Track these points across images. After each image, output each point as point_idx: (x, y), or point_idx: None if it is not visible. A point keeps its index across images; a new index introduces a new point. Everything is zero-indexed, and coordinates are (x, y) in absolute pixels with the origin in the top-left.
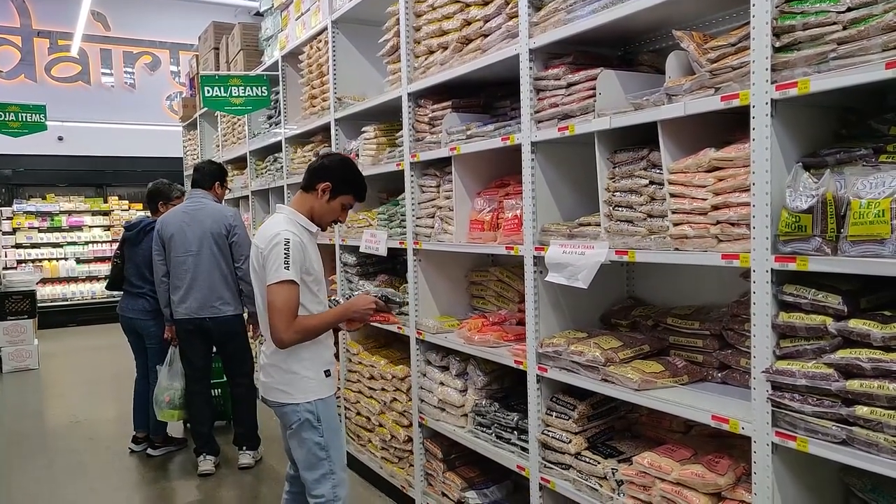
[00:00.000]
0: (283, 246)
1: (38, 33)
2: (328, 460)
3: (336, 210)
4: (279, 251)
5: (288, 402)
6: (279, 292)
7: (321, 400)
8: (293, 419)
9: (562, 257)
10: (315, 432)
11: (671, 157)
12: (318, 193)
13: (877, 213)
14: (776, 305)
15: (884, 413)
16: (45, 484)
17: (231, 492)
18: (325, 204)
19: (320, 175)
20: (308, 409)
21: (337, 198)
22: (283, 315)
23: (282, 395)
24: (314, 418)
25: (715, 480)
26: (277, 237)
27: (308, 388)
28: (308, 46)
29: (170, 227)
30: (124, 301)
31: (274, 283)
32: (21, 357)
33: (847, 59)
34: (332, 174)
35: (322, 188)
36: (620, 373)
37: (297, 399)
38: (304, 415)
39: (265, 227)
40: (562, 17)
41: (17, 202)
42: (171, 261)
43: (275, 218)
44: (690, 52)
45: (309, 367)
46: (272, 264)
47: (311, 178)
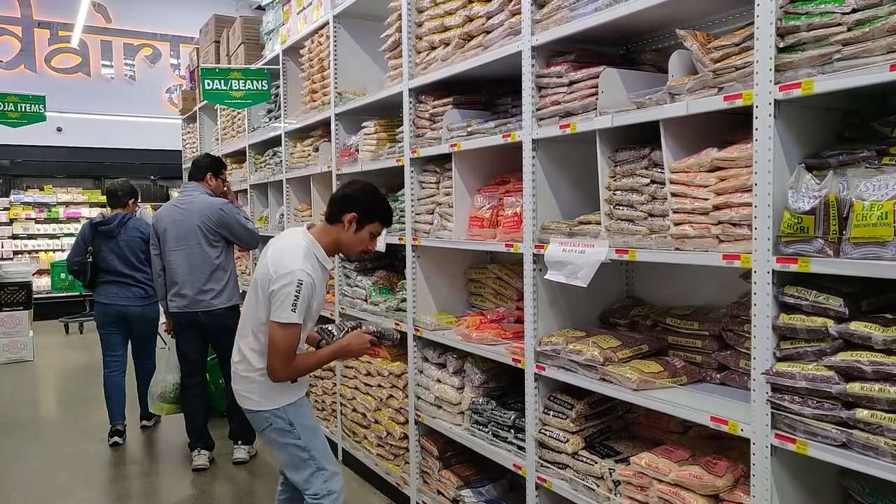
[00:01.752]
0: (296, 287)
1: (38, 24)
2: (312, 459)
3: (364, 240)
4: (290, 291)
5: (255, 409)
6: (282, 333)
7: (289, 405)
8: (262, 424)
9: (562, 255)
10: (290, 436)
11: (673, 157)
12: (345, 225)
13: (879, 215)
14: (777, 307)
15: (884, 416)
16: (39, 474)
17: (225, 486)
18: (352, 235)
19: (344, 206)
20: (276, 415)
21: (364, 227)
22: (283, 356)
23: (249, 402)
24: (285, 423)
25: (713, 482)
26: (292, 276)
27: (273, 395)
28: (309, 41)
29: (163, 222)
30: (112, 291)
31: (278, 322)
32: (16, 348)
33: (851, 60)
34: (356, 204)
35: (348, 219)
36: (619, 372)
37: (265, 406)
38: (273, 420)
39: (283, 250)
40: (564, 14)
41: (14, 193)
42: (166, 255)
43: (295, 245)
44: (694, 51)
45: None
46: (281, 302)
47: (335, 210)
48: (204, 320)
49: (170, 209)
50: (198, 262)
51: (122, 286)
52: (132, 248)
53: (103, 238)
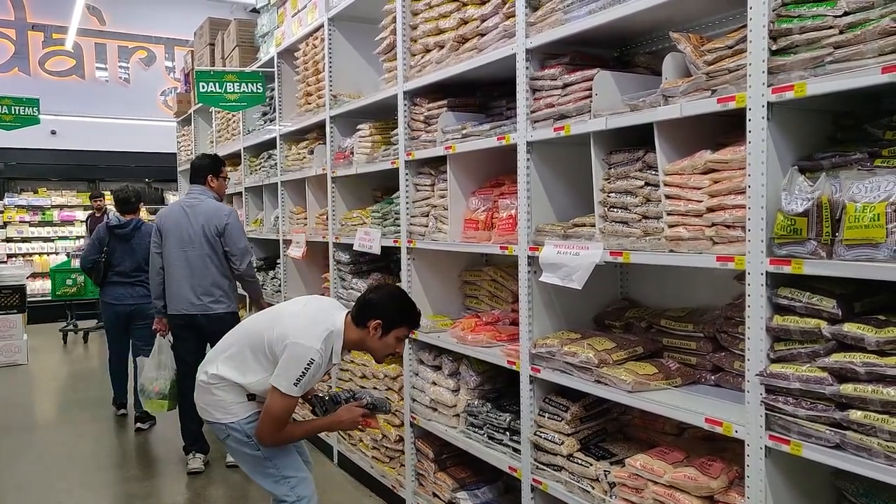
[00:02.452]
0: (307, 364)
1: (32, 27)
2: (274, 468)
3: (391, 345)
4: (300, 366)
5: (212, 421)
6: (281, 402)
7: (244, 419)
8: (221, 434)
9: (556, 258)
10: (249, 446)
11: (667, 159)
12: (370, 331)
13: (872, 217)
14: (770, 308)
15: (877, 417)
16: (35, 478)
17: (220, 489)
18: (378, 341)
19: (369, 312)
20: (233, 428)
21: (390, 333)
22: (275, 424)
23: (207, 414)
24: (242, 435)
25: (708, 483)
26: (308, 352)
27: (230, 410)
28: (304, 43)
29: (168, 223)
30: (118, 291)
31: (279, 392)
32: (10, 352)
33: (843, 63)
34: (381, 311)
35: (373, 326)
36: (614, 374)
37: (221, 420)
38: (230, 431)
39: (311, 317)
40: (559, 17)
41: (8, 196)
42: (167, 256)
43: (326, 320)
44: (687, 53)
45: (231, 392)
46: (287, 371)
47: (361, 315)
48: (203, 322)
49: (176, 210)
50: (200, 265)
51: (128, 286)
52: (143, 251)
53: (118, 240)
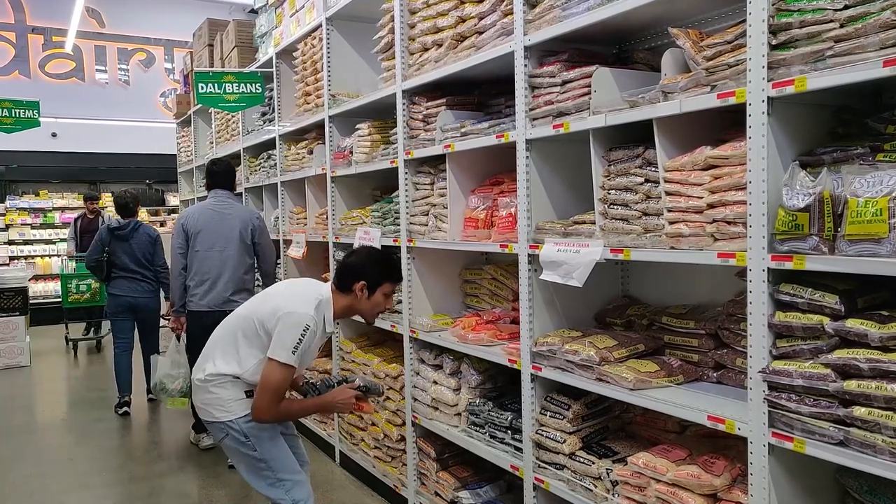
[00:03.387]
0: (303, 330)
1: (32, 29)
2: (269, 470)
3: (380, 302)
4: (296, 333)
5: (211, 420)
6: (277, 372)
7: (241, 418)
8: (218, 435)
9: (557, 255)
10: (246, 447)
11: (667, 155)
12: (357, 294)
13: (874, 211)
14: (772, 305)
15: (881, 414)
16: (36, 481)
17: (221, 490)
18: (367, 301)
19: (351, 276)
20: (231, 427)
21: (376, 291)
22: (272, 395)
23: (206, 413)
24: (240, 435)
25: (710, 481)
26: (302, 318)
27: (228, 408)
28: (302, 43)
29: (197, 224)
30: (123, 285)
31: (276, 361)
32: (12, 354)
33: (844, 56)
34: (363, 272)
35: (359, 288)
36: (615, 372)
37: (220, 418)
38: (228, 431)
39: (299, 293)
40: (557, 14)
41: (9, 198)
42: (195, 255)
43: (314, 293)
44: (686, 49)
45: (229, 389)
46: (283, 340)
47: (343, 280)
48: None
49: (207, 214)
50: (232, 265)
51: (132, 281)
52: (141, 250)
53: (118, 241)
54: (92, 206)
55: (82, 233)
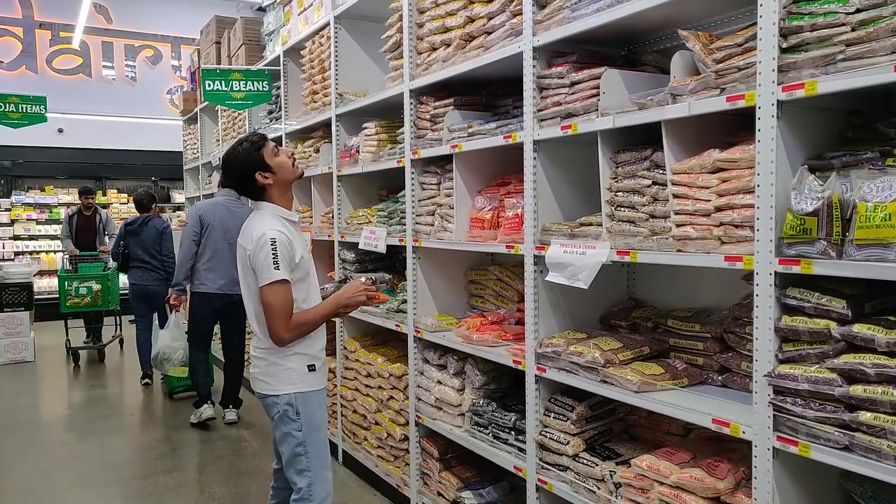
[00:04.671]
0: (271, 246)
1: (39, 25)
2: (305, 456)
3: (282, 162)
4: (267, 251)
5: (268, 393)
6: (273, 293)
7: (301, 394)
8: (273, 411)
9: (563, 257)
10: (293, 425)
11: (675, 158)
12: (264, 182)
13: (883, 216)
14: (779, 309)
15: (887, 419)
16: (38, 478)
17: (223, 489)
18: (276, 176)
19: (245, 182)
20: (287, 402)
21: (267, 165)
22: (279, 315)
23: (263, 385)
24: (293, 411)
25: (714, 484)
26: (263, 238)
27: (289, 379)
28: (310, 42)
29: (214, 218)
30: (139, 274)
31: (266, 284)
32: (17, 349)
33: (855, 60)
34: (244, 168)
35: (260, 179)
36: (620, 374)
37: (277, 390)
38: (282, 407)
39: (249, 226)
40: (566, 15)
41: (15, 193)
42: (209, 244)
43: (258, 216)
44: (696, 52)
45: (292, 360)
46: (262, 266)
47: (244, 187)
48: (236, 301)
49: (220, 208)
50: None
51: (145, 270)
52: (151, 241)
53: (131, 235)
54: (87, 201)
55: (78, 231)
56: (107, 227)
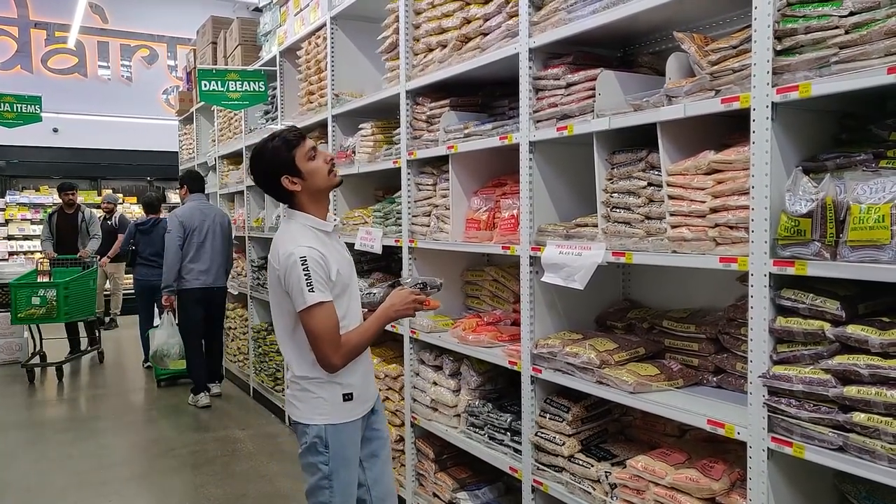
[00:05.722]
0: (301, 266)
1: (35, 24)
2: (329, 490)
3: (317, 168)
4: (298, 273)
5: (298, 421)
6: (313, 319)
7: (332, 426)
8: (302, 439)
9: (558, 258)
10: (320, 457)
11: (670, 159)
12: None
13: (877, 218)
14: (774, 310)
15: (881, 420)
16: (35, 476)
17: (219, 489)
18: (306, 182)
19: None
20: (316, 434)
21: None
22: (325, 341)
23: (293, 409)
24: (321, 444)
25: (709, 485)
26: (291, 258)
27: (318, 408)
28: (306, 42)
29: (194, 221)
30: (145, 271)
31: (303, 309)
32: (10, 350)
33: (849, 63)
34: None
35: (286, 183)
36: (615, 375)
37: (307, 418)
38: (311, 438)
39: (277, 241)
40: (562, 16)
41: (9, 193)
42: (193, 245)
43: (286, 229)
44: (691, 53)
45: (325, 388)
46: (295, 290)
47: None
48: (216, 292)
49: (196, 213)
50: (219, 251)
51: (149, 267)
52: (160, 241)
53: (142, 234)
54: (69, 197)
55: (59, 231)
56: (91, 228)
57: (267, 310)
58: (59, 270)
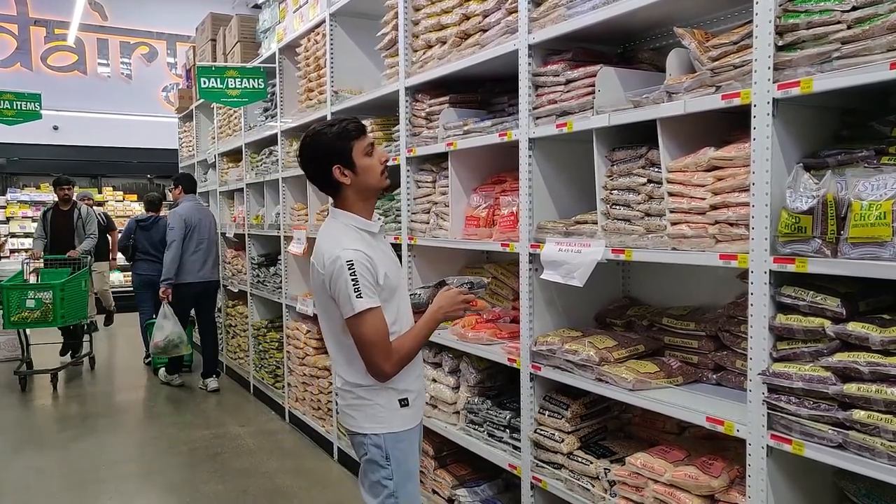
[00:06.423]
0: (348, 270)
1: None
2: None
3: (371, 166)
4: (345, 279)
5: (355, 431)
6: (362, 326)
7: (391, 434)
8: (360, 451)
9: (558, 255)
10: (382, 472)
11: (670, 156)
12: (345, 179)
13: (878, 215)
14: (774, 307)
15: (881, 417)
16: (35, 475)
17: (219, 486)
18: (360, 176)
19: (321, 172)
20: (374, 444)
21: (352, 162)
22: (376, 348)
23: (349, 420)
24: (381, 455)
25: (708, 482)
26: (337, 262)
27: (376, 416)
28: (306, 39)
29: (193, 220)
30: (144, 266)
31: (351, 316)
32: (12, 347)
33: (851, 58)
34: (321, 153)
35: (337, 174)
36: (615, 372)
37: (364, 428)
38: (370, 448)
39: (321, 242)
40: (562, 12)
41: (10, 191)
42: (193, 241)
43: (329, 230)
44: (692, 49)
45: (381, 395)
46: (343, 296)
47: (321, 183)
48: (210, 285)
49: (195, 212)
50: (212, 248)
51: (149, 262)
52: (160, 238)
53: (142, 230)
54: (64, 192)
55: (54, 230)
56: (87, 226)
57: (266, 306)
58: (48, 271)
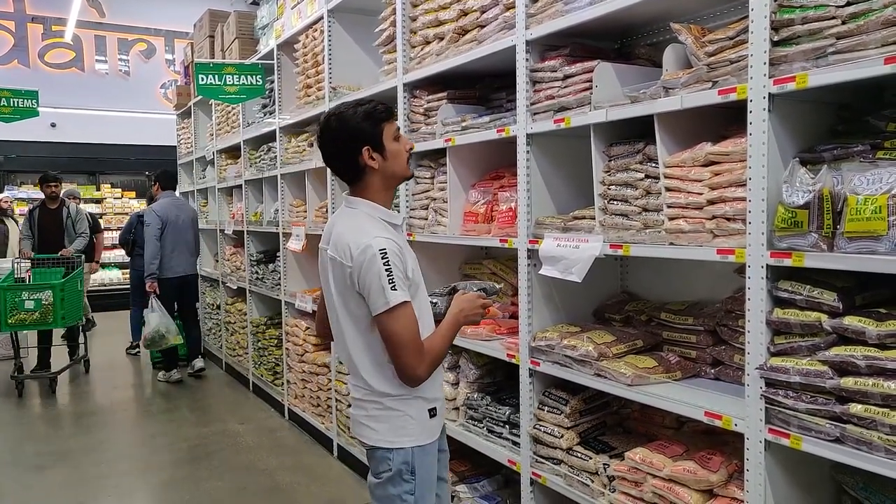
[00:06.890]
0: (382, 261)
1: (31, 18)
2: None
3: (399, 151)
4: (378, 269)
5: (378, 446)
6: (396, 321)
7: (420, 448)
8: (383, 466)
9: (556, 251)
10: (405, 486)
11: (667, 151)
12: (369, 163)
13: (873, 209)
14: (771, 301)
15: (878, 411)
16: (34, 474)
17: (218, 482)
18: (386, 161)
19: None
20: (403, 460)
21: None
22: (410, 348)
23: (370, 433)
24: (407, 471)
25: (707, 477)
26: (369, 250)
27: (406, 429)
28: (304, 35)
29: (170, 217)
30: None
31: (385, 311)
32: (6, 345)
33: (846, 53)
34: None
35: (366, 157)
36: (613, 368)
37: (391, 442)
38: (397, 465)
39: (341, 232)
40: (559, 8)
41: (8, 188)
42: (171, 237)
43: (350, 218)
44: (688, 45)
45: (413, 405)
46: (375, 289)
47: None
48: (190, 279)
49: (172, 209)
50: (191, 243)
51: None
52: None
53: (143, 226)
54: (51, 189)
55: (41, 229)
56: (77, 225)
57: (265, 303)
58: (40, 271)
